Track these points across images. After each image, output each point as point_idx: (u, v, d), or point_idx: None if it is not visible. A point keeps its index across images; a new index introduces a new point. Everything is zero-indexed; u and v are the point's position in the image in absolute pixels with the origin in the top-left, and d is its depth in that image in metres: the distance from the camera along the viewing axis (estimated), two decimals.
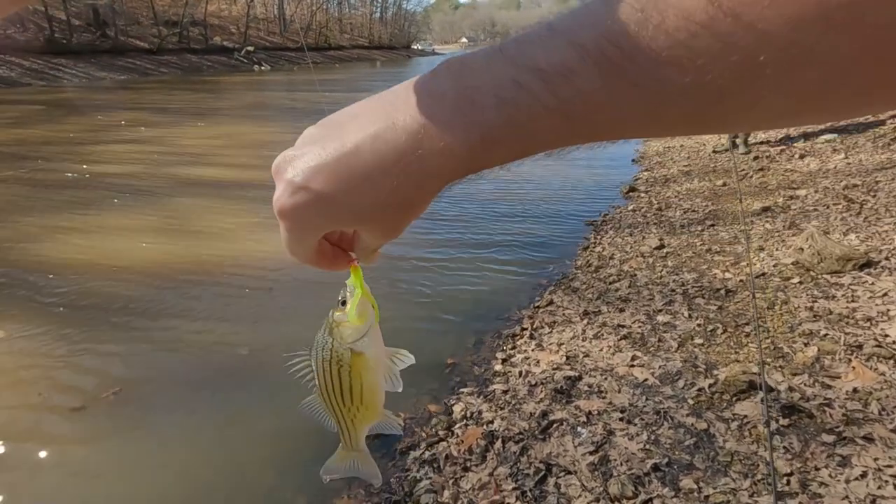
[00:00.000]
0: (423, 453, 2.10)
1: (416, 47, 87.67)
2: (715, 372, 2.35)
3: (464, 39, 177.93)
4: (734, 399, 2.15)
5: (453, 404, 2.39)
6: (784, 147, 6.42)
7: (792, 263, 3.26)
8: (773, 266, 3.32)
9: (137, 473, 2.13)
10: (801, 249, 3.22)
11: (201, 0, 40.94)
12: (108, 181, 6.60)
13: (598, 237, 4.42)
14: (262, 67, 38.72)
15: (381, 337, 0.49)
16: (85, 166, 7.37)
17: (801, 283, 3.05)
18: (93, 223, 5.02)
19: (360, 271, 0.46)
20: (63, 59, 27.77)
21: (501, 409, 2.31)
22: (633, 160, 7.40)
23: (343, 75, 32.95)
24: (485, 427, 2.19)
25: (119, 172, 7.06)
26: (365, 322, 0.47)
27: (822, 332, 2.51)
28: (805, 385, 2.17)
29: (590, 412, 2.19)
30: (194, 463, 2.18)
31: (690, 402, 2.19)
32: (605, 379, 2.40)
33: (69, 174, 6.96)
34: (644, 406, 2.19)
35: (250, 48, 41.78)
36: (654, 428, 2.06)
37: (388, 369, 0.50)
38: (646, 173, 6.53)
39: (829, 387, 2.14)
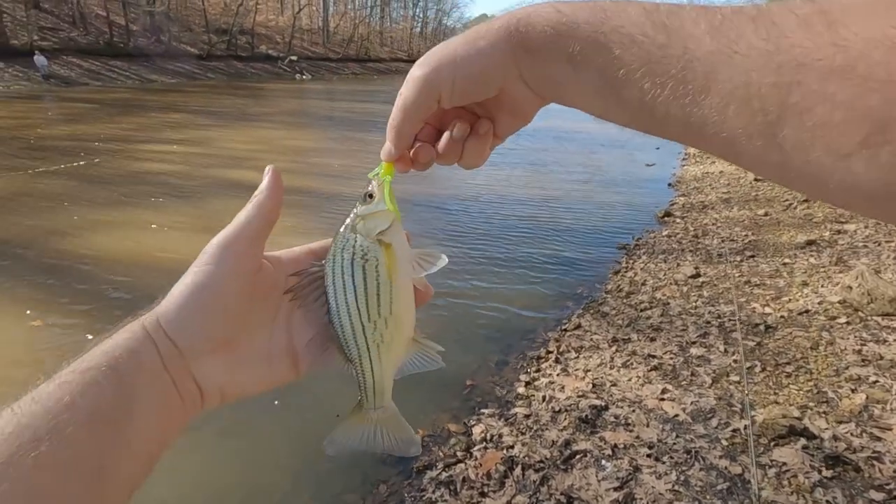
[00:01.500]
0: (439, 474, 2.05)
1: None
2: (752, 413, 2.22)
3: None
4: (772, 444, 2.02)
5: (473, 425, 2.33)
6: None
7: (839, 302, 3.08)
8: (818, 303, 3.15)
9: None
10: (850, 288, 3.05)
11: (251, 10, 42.61)
12: (151, 179, 6.86)
13: (631, 262, 4.31)
14: (304, 76, 39.88)
15: (405, 238, 0.44)
16: (132, 164, 7.69)
17: (848, 323, 2.88)
18: (134, 218, 5.21)
19: (392, 167, 0.45)
20: (118, 62, 29.27)
21: (523, 434, 2.24)
22: (669, 184, 7.23)
23: (381, 87, 33.61)
24: (505, 452, 2.13)
25: (162, 171, 7.33)
26: (395, 210, 0.43)
27: (872, 379, 2.35)
28: (852, 435, 2.03)
29: (615, 445, 2.10)
30: (210, 465, 2.19)
31: (724, 443, 2.07)
32: (633, 411, 2.31)
33: (116, 170, 7.27)
34: (674, 443, 2.09)
35: (293, 57, 43.13)
36: (684, 468, 1.95)
37: (417, 274, 0.44)
38: (682, 198, 6.36)
39: (879, 439, 1.99)
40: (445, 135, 0.44)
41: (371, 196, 0.44)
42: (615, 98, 0.35)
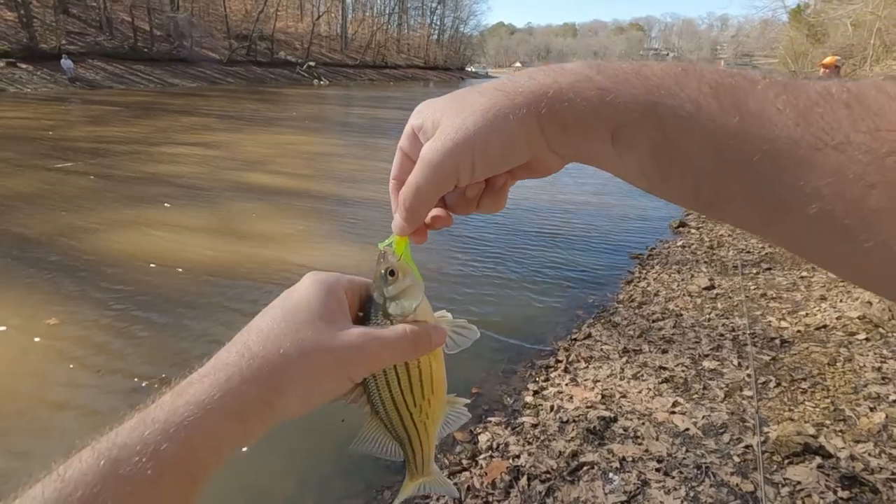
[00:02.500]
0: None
1: (469, 69, 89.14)
2: (765, 429, 2.17)
3: (517, 64, 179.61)
4: (786, 461, 1.97)
5: (479, 433, 2.31)
6: None
7: (858, 317, 3.01)
8: (837, 318, 3.08)
9: None
10: (870, 303, 2.98)
11: (271, 17, 43.35)
12: (170, 180, 6.99)
13: (644, 272, 4.26)
14: (322, 82, 40.38)
15: (431, 310, 0.44)
16: (150, 165, 7.85)
17: (868, 339, 2.80)
18: (152, 219, 5.30)
19: (406, 240, 0.43)
20: (142, 66, 29.97)
21: (529, 443, 2.22)
22: None
23: (397, 93, 33.88)
24: (510, 461, 2.10)
25: (181, 173, 7.47)
26: (421, 281, 0.42)
27: (892, 397, 2.28)
28: (869, 455, 1.97)
29: (624, 458, 2.06)
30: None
31: (736, 459, 2.02)
32: (643, 424, 2.27)
33: (136, 171, 7.42)
34: (684, 458, 2.04)
35: (312, 63, 43.71)
36: (694, 484, 1.91)
37: (451, 350, 0.44)
38: None
39: None
40: (458, 193, 0.42)
41: (393, 273, 0.41)
42: (665, 182, 0.31)
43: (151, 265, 4.12)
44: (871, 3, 14.15)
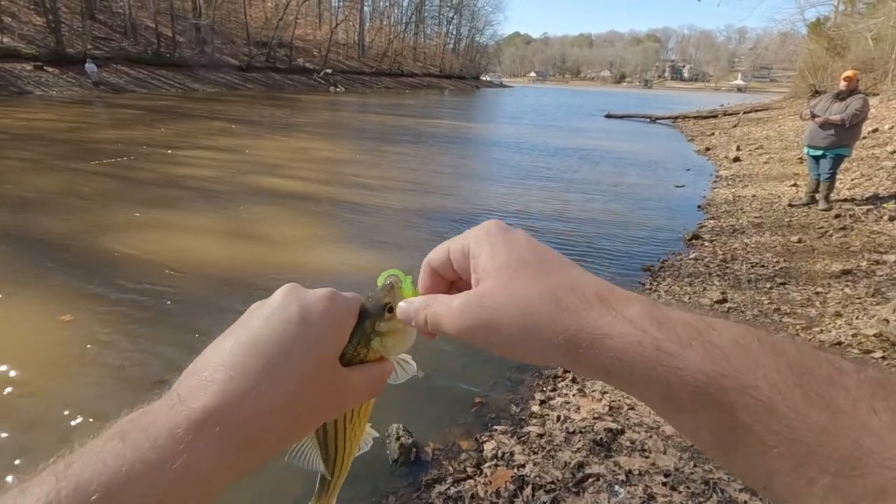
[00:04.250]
0: (448, 488, 2.04)
1: (484, 78, 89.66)
2: None
3: (532, 73, 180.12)
4: None
5: (485, 441, 2.31)
6: (871, 207, 5.93)
7: (875, 335, 2.95)
8: (852, 336, 3.03)
9: None
10: (887, 321, 2.92)
11: (290, 24, 44.13)
12: (187, 183, 7.13)
13: (655, 283, 4.23)
14: (338, 89, 40.91)
15: None
16: (170, 167, 8.01)
17: (884, 358, 2.75)
18: (168, 220, 5.41)
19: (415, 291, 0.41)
20: (164, 71, 30.68)
21: (535, 453, 2.21)
22: (698, 206, 7.09)
23: (412, 101, 34.16)
24: (515, 470, 2.10)
25: (198, 175, 7.61)
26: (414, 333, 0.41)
27: None
28: None
29: (630, 471, 2.05)
30: None
31: None
32: (650, 437, 2.25)
33: (155, 173, 7.58)
34: (691, 473, 2.02)
35: (328, 70, 44.34)
36: (701, 499, 1.89)
37: (393, 381, 0.44)
38: (712, 221, 6.22)
39: None
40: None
41: (391, 311, 0.40)
42: (727, 456, 0.26)
43: (167, 266, 4.20)
44: (893, 17, 13.96)
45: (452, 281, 0.40)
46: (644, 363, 0.27)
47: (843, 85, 5.83)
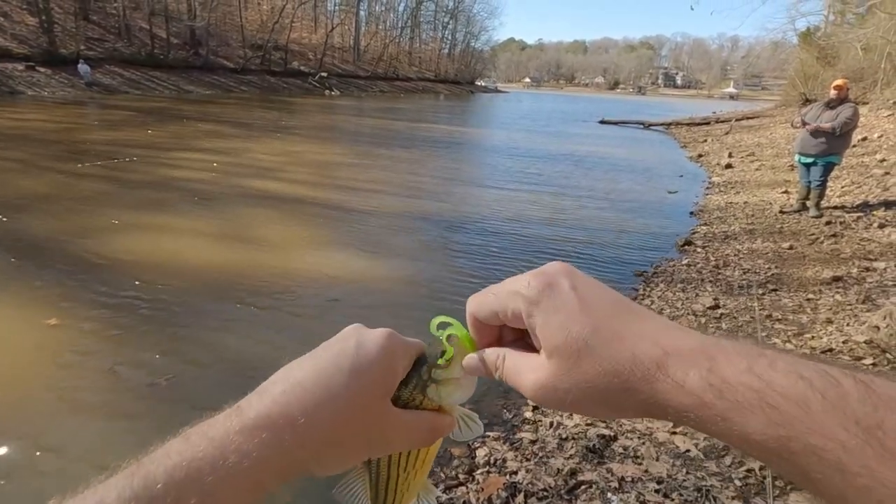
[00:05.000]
0: (439, 496, 2.02)
1: (479, 83, 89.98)
2: None
3: (527, 79, 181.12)
4: (788, 487, 1.94)
5: (477, 448, 2.29)
6: (861, 214, 5.99)
7: (865, 342, 2.97)
8: (843, 342, 3.04)
9: None
10: (878, 328, 2.94)
11: (286, 28, 44.11)
12: (180, 185, 7.07)
13: (648, 289, 4.23)
14: (333, 92, 40.90)
15: None
16: (162, 169, 7.95)
17: (875, 365, 2.76)
18: (160, 223, 5.36)
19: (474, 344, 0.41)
20: (158, 72, 30.54)
21: (528, 460, 2.20)
22: (691, 212, 7.13)
23: (408, 105, 34.21)
24: (508, 477, 2.08)
25: (191, 178, 7.56)
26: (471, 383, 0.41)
27: None
28: None
29: (623, 478, 2.04)
30: None
31: (737, 483, 1.99)
32: (643, 443, 2.24)
33: (147, 175, 7.52)
34: (684, 480, 2.01)
35: (324, 74, 44.32)
36: None
37: (457, 437, 0.44)
38: (704, 227, 6.26)
39: None
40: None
41: (449, 361, 0.40)
42: (799, 480, 0.26)
43: (156, 269, 4.15)
44: (882, 27, 14.18)
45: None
46: (709, 428, 0.28)
47: (833, 94, 5.90)
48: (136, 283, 3.86)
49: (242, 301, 3.73)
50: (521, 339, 0.38)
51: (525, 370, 0.36)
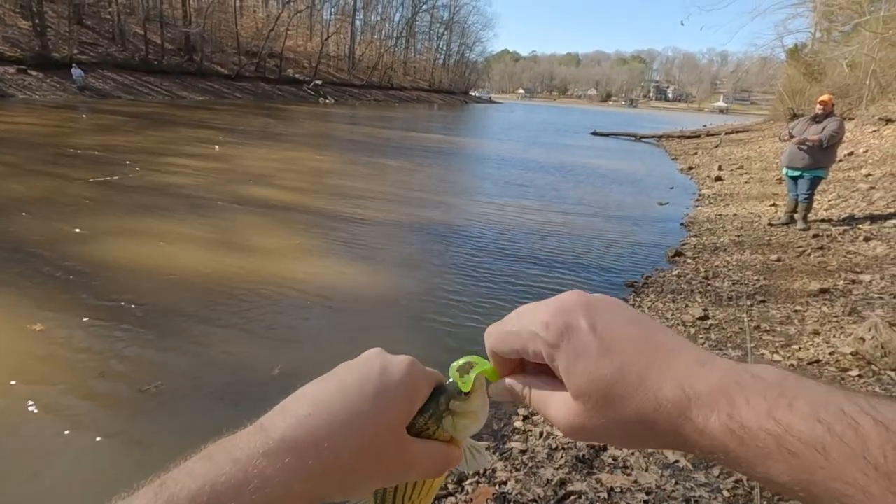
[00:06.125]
0: None
1: (473, 94, 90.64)
2: None
3: (520, 90, 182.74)
4: (776, 498, 1.94)
5: None
6: (847, 228, 6.08)
7: (851, 353, 3.00)
8: (830, 354, 3.07)
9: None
10: (863, 340, 2.97)
11: (281, 35, 44.25)
12: (173, 191, 7.03)
13: (638, 299, 4.26)
14: (327, 100, 41.01)
15: None
16: (153, 175, 7.90)
17: (860, 376, 2.80)
18: (152, 228, 5.32)
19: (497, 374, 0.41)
20: (151, 78, 30.45)
21: (517, 470, 2.19)
22: (681, 224, 7.20)
23: (402, 114, 34.36)
24: (497, 487, 2.07)
25: (184, 184, 7.52)
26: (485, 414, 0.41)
27: None
28: None
29: (612, 488, 2.03)
30: None
31: (726, 493, 2.00)
32: (632, 454, 2.24)
33: (140, 181, 7.47)
34: (672, 490, 2.02)
35: (318, 82, 44.45)
36: None
37: (464, 469, 0.43)
38: (694, 239, 6.32)
39: None
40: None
41: (468, 394, 0.40)
42: None
43: (146, 275, 4.11)
44: (867, 45, 14.52)
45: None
46: (736, 468, 0.29)
47: (819, 109, 6.02)
48: (125, 288, 3.82)
49: (232, 308, 3.70)
50: (546, 369, 0.37)
51: (553, 404, 0.36)
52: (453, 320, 3.77)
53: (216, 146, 11.78)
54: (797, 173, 6.14)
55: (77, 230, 5.05)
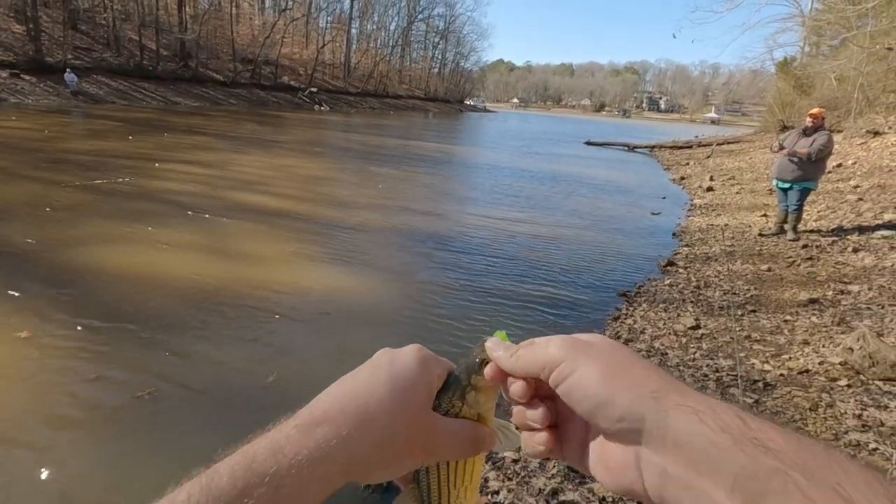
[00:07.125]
0: None
1: (468, 103, 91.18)
2: None
3: (515, 100, 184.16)
4: None
5: None
6: (836, 239, 6.16)
7: (840, 363, 3.03)
8: (819, 363, 3.10)
9: (156, 477, 2.11)
10: (851, 350, 3.01)
11: (277, 43, 44.38)
12: (165, 197, 7.00)
13: (631, 309, 4.28)
14: (323, 108, 41.10)
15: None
16: (146, 181, 7.86)
17: (849, 386, 2.82)
18: (144, 235, 5.28)
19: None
20: (146, 83, 30.39)
21: (510, 479, 2.18)
22: (673, 234, 7.26)
23: (397, 122, 34.48)
24: (489, 497, 2.07)
25: (177, 190, 7.49)
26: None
27: (872, 446, 2.28)
28: None
29: (604, 498, 2.03)
30: None
31: None
32: None
33: (133, 187, 7.43)
34: None
35: (314, 89, 44.55)
36: None
37: (496, 448, 0.44)
38: (686, 248, 6.37)
39: None
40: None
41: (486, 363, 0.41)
42: None
43: (136, 282, 4.08)
44: (855, 59, 14.80)
45: None
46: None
47: (808, 122, 6.11)
48: (116, 295, 3.79)
49: (225, 315, 3.68)
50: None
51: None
52: (445, 329, 3.77)
53: (210, 152, 11.75)
54: (787, 185, 6.22)
55: (67, 235, 5.01)
